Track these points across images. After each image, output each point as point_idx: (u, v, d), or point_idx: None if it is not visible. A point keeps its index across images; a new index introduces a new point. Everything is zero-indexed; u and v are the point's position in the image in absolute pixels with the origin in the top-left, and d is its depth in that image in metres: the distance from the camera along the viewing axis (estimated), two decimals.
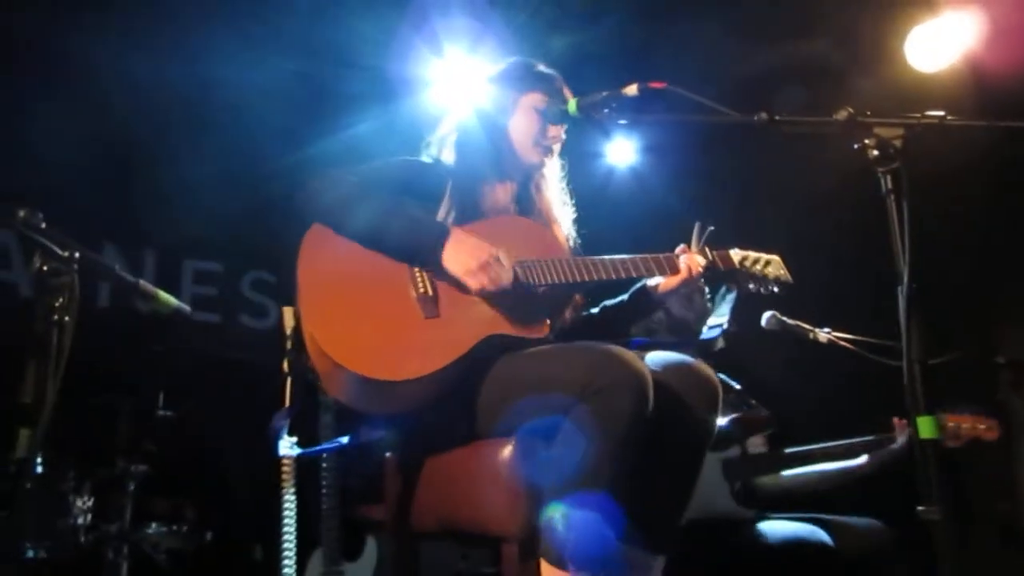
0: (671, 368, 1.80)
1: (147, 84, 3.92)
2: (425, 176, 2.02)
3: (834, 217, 3.72)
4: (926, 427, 1.27)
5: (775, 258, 2.16)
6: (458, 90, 3.72)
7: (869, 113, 1.42)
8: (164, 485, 3.18)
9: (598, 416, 1.59)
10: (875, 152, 1.39)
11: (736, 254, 2.13)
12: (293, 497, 1.89)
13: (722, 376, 2.91)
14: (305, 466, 2.73)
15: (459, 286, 1.82)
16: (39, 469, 1.69)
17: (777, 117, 1.55)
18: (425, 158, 2.11)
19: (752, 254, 2.15)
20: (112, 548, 2.73)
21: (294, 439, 1.82)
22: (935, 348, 1.41)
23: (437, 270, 1.83)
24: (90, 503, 2.70)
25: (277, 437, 1.86)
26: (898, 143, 1.37)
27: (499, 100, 2.10)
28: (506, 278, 1.81)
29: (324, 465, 2.86)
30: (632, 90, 1.83)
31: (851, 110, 1.43)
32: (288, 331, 1.82)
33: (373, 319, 1.76)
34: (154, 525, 3.14)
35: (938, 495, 1.24)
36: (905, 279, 1.31)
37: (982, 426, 2.48)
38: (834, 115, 1.46)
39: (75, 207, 3.81)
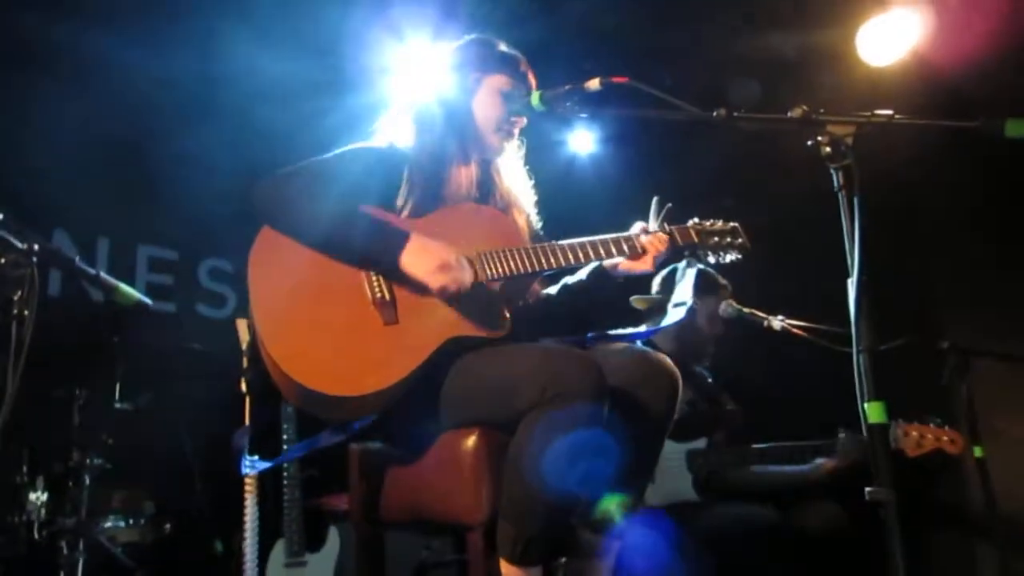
0: (629, 362, 1.83)
1: (107, 72, 3.83)
2: (381, 163, 1.96)
3: (787, 206, 3.80)
4: (875, 412, 1.33)
5: (732, 225, 2.15)
6: (417, 71, 3.70)
7: (822, 111, 1.47)
8: (121, 478, 3.13)
9: (554, 423, 1.61)
10: (827, 149, 1.43)
11: (694, 228, 2.11)
12: (256, 509, 1.88)
13: (701, 369, 2.97)
14: None
15: (418, 289, 1.79)
16: None
17: (735, 114, 1.58)
18: (378, 143, 2.03)
19: (709, 225, 2.13)
20: (67, 543, 2.68)
21: (255, 457, 1.80)
22: (883, 335, 1.46)
23: (397, 274, 1.79)
24: (44, 497, 2.65)
25: (240, 456, 1.83)
26: (849, 140, 1.42)
27: (462, 80, 2.05)
28: (467, 279, 1.80)
29: (285, 436, 2.85)
30: (594, 84, 1.85)
31: (805, 108, 1.48)
32: (243, 346, 1.78)
33: (330, 330, 1.73)
34: (111, 518, 3.11)
35: (887, 478, 1.30)
36: (856, 272, 1.36)
37: (945, 438, 2.53)
38: (789, 112, 1.50)
39: (24, 192, 3.75)
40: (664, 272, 2.90)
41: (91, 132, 3.93)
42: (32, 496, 2.64)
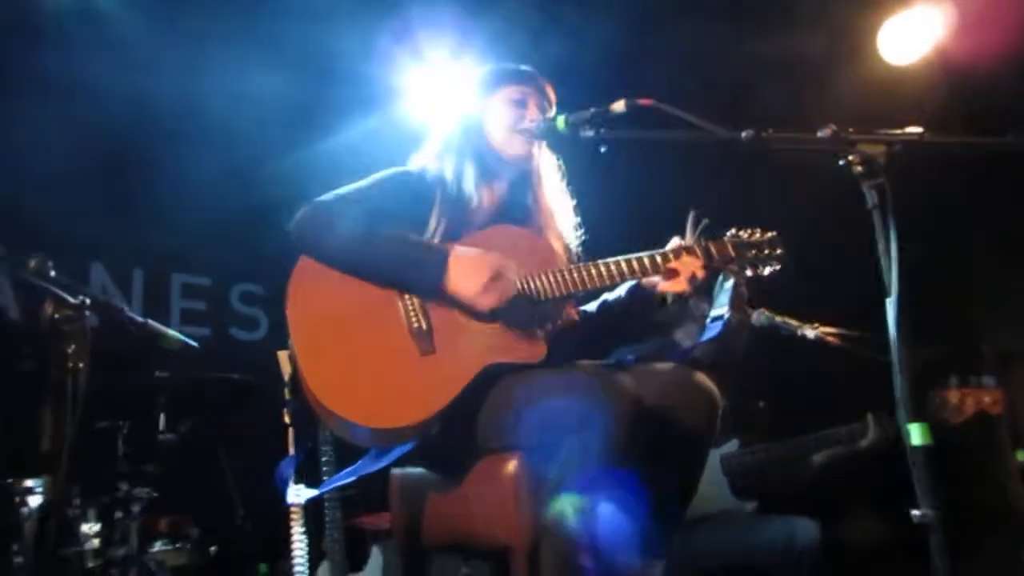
0: (669, 382, 1.84)
1: (133, 100, 3.92)
2: (414, 188, 2.01)
3: (820, 216, 3.77)
4: (918, 434, 1.32)
5: (771, 235, 2.09)
6: (440, 97, 3.76)
7: (852, 130, 1.47)
8: (167, 504, 3.19)
9: (589, 451, 1.63)
10: (859, 168, 1.43)
11: (731, 242, 2.07)
12: (303, 536, 1.91)
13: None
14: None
15: (455, 315, 1.83)
16: (45, 497, 1.71)
17: (763, 134, 1.59)
18: (412, 167, 2.10)
19: (748, 237, 2.08)
20: (120, 572, 2.74)
21: (300, 486, 1.84)
22: (921, 338, 1.46)
23: (440, 297, 1.82)
24: (97, 528, 2.72)
25: (285, 487, 1.87)
26: (881, 159, 1.42)
27: (475, 103, 2.10)
28: (512, 289, 1.83)
29: (324, 459, 2.88)
30: (619, 106, 1.86)
31: (835, 127, 1.48)
32: (286, 377, 1.82)
33: (369, 362, 1.76)
34: (159, 543, 3.17)
35: (933, 500, 1.30)
36: (894, 293, 1.36)
37: (987, 398, 2.44)
38: (819, 131, 1.50)
39: (61, 226, 3.85)
40: None
41: (117, 168, 4.04)
42: (85, 527, 2.71)
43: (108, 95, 3.86)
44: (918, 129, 1.43)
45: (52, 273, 1.28)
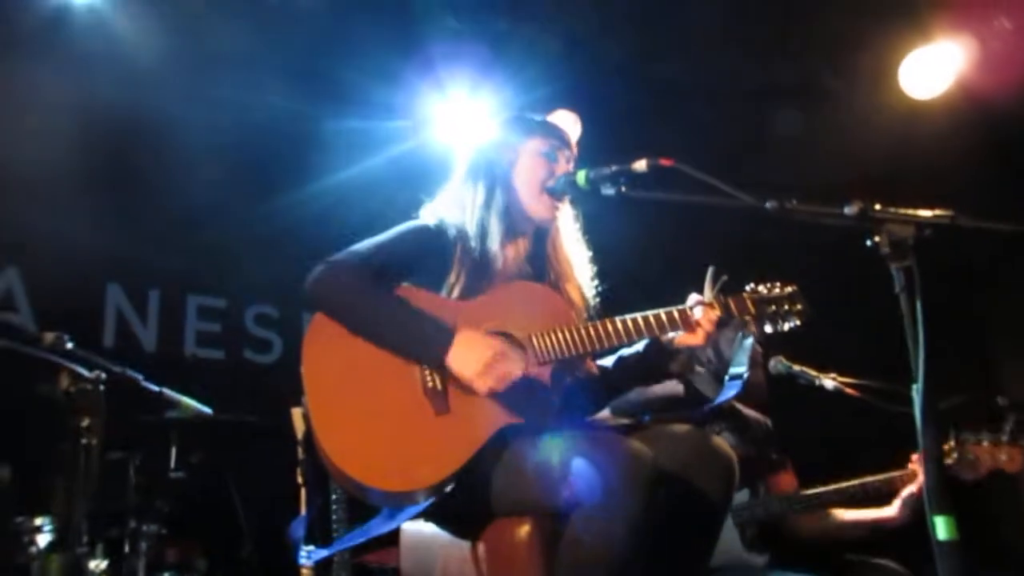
0: (684, 445, 1.82)
1: (146, 118, 3.93)
2: (432, 243, 1.99)
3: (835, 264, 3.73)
4: (944, 528, 1.29)
5: (791, 290, 2.04)
6: (459, 136, 3.76)
7: (879, 208, 1.44)
8: (174, 534, 3.18)
9: (605, 517, 1.61)
10: (887, 249, 1.40)
11: (751, 297, 2.02)
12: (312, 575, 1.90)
13: (764, 420, 2.89)
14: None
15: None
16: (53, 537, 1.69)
17: (787, 205, 1.56)
18: (429, 220, 2.06)
19: (767, 292, 2.04)
20: None
21: (311, 547, 1.82)
22: (942, 390, 1.42)
23: (444, 371, 1.81)
24: (104, 565, 2.70)
25: (296, 546, 1.86)
26: (910, 241, 1.38)
27: (500, 155, 2.08)
28: (516, 371, 1.81)
29: (335, 516, 2.87)
30: (641, 166, 1.84)
31: (862, 204, 1.45)
32: (299, 435, 1.81)
33: (382, 422, 1.75)
34: (166, 574, 3.15)
35: None
36: (920, 379, 1.32)
37: (1003, 456, 2.40)
38: (846, 208, 1.47)
39: (77, 249, 3.86)
40: None
41: (133, 189, 4.05)
42: (92, 564, 2.69)
43: (124, 114, 3.88)
44: (948, 213, 1.39)
45: (68, 346, 1.27)
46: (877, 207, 1.44)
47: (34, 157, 3.70)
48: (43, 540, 2.45)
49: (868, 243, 1.42)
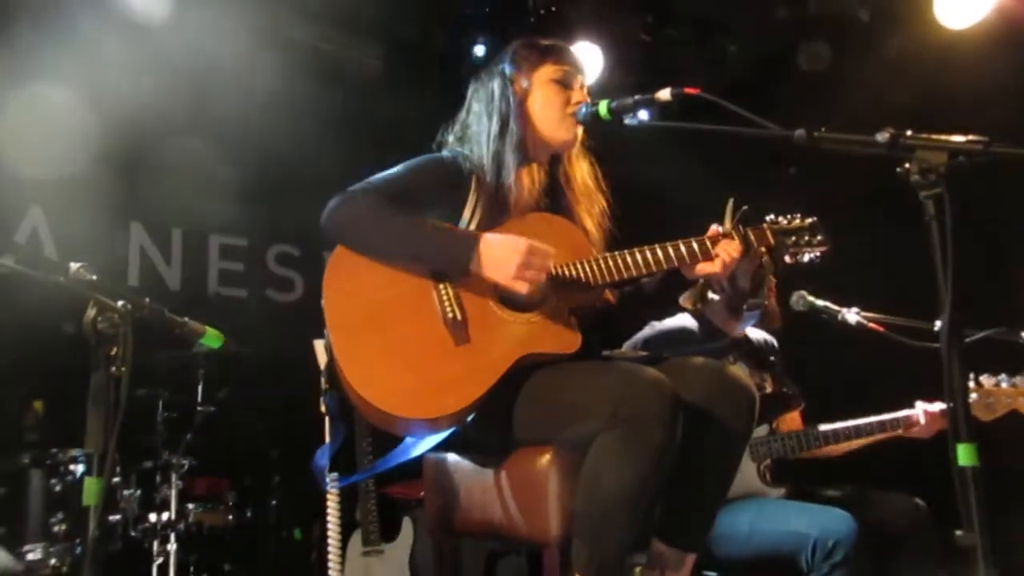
0: (706, 378, 1.81)
1: (169, 61, 3.90)
2: (447, 175, 1.97)
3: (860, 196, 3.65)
4: (966, 455, 1.28)
5: (811, 221, 2.03)
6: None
7: (910, 133, 1.40)
8: (204, 468, 3.28)
9: (626, 446, 1.62)
10: (917, 177, 1.36)
11: (770, 228, 2.01)
12: (338, 515, 1.95)
13: (768, 341, 2.89)
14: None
15: (489, 304, 1.83)
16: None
17: (815, 134, 1.52)
18: (445, 153, 2.04)
19: (787, 223, 2.02)
20: (160, 538, 2.83)
21: (335, 474, 1.86)
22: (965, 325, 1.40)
23: (474, 281, 1.81)
24: (137, 494, 2.79)
25: (322, 475, 1.90)
26: (941, 168, 1.34)
27: (513, 86, 2.02)
28: (546, 271, 1.80)
29: (359, 448, 2.93)
30: (665, 95, 1.79)
31: (893, 131, 1.40)
32: (322, 367, 1.83)
33: (404, 353, 1.77)
34: (196, 504, 3.26)
35: (978, 522, 1.26)
36: (947, 310, 1.30)
37: (1022, 398, 2.37)
38: (876, 135, 1.43)
39: (100, 190, 3.88)
40: None
41: (156, 130, 4.04)
42: (125, 493, 2.78)
43: (148, 61, 3.85)
44: (983, 139, 1.34)
45: (93, 278, 1.28)
46: (908, 133, 1.40)
47: (58, 98, 3.70)
48: (78, 471, 2.54)
49: (898, 170, 1.38)
